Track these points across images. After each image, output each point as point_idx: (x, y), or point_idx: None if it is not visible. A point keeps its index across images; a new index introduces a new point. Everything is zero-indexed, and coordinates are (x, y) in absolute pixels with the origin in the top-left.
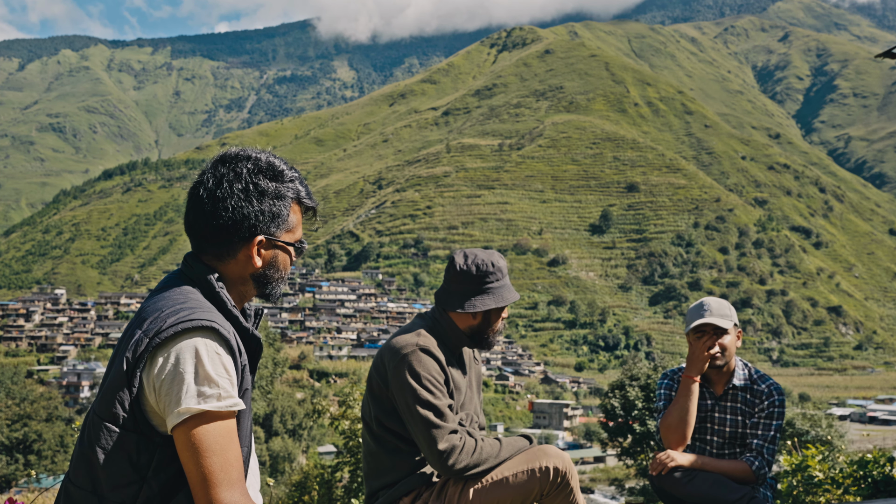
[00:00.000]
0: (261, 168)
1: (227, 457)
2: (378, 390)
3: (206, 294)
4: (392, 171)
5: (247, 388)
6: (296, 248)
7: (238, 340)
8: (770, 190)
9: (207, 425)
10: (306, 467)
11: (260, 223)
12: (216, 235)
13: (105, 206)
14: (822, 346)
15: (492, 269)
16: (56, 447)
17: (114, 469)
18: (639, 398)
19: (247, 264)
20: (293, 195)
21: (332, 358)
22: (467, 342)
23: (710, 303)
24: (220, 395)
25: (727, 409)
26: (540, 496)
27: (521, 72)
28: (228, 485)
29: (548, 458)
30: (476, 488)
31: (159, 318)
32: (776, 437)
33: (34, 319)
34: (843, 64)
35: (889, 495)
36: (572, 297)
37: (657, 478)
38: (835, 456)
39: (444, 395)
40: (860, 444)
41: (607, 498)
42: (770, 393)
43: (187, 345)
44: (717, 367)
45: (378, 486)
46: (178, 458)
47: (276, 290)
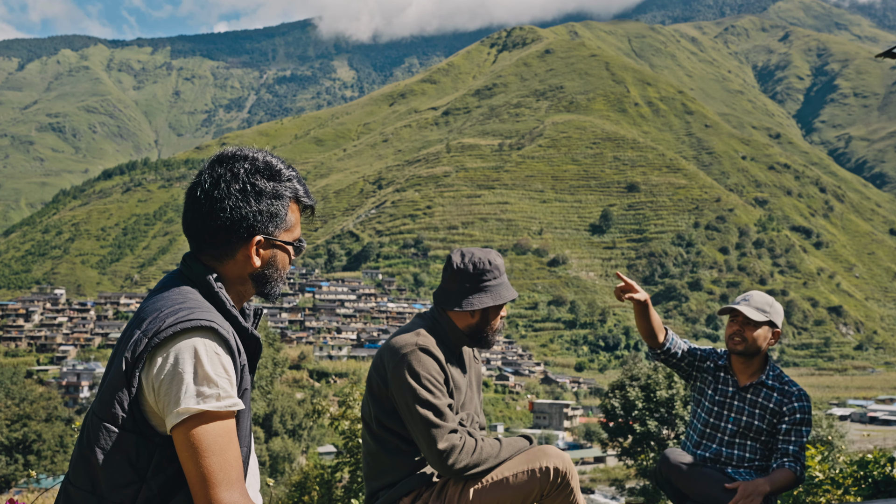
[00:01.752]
0: (258, 168)
1: (227, 457)
2: (378, 390)
3: (205, 294)
4: (392, 171)
5: (246, 388)
6: (294, 248)
7: (237, 340)
8: (770, 190)
9: (206, 425)
10: (306, 467)
11: (258, 223)
12: (214, 236)
13: (105, 206)
14: (823, 347)
15: (489, 268)
16: (56, 447)
17: (113, 469)
18: (639, 398)
19: (245, 264)
20: (291, 194)
21: (331, 358)
22: (467, 341)
23: (752, 294)
24: (219, 395)
25: (747, 400)
26: (540, 496)
27: (521, 71)
28: (228, 485)
29: (548, 458)
30: (476, 488)
31: (158, 318)
32: (805, 443)
33: (34, 319)
34: (843, 64)
35: (889, 496)
36: (572, 297)
37: (664, 471)
38: (835, 456)
39: (444, 395)
40: (860, 444)
41: (607, 498)
42: (801, 398)
43: (186, 345)
44: (737, 353)
45: (378, 486)
46: (177, 459)
47: (275, 289)
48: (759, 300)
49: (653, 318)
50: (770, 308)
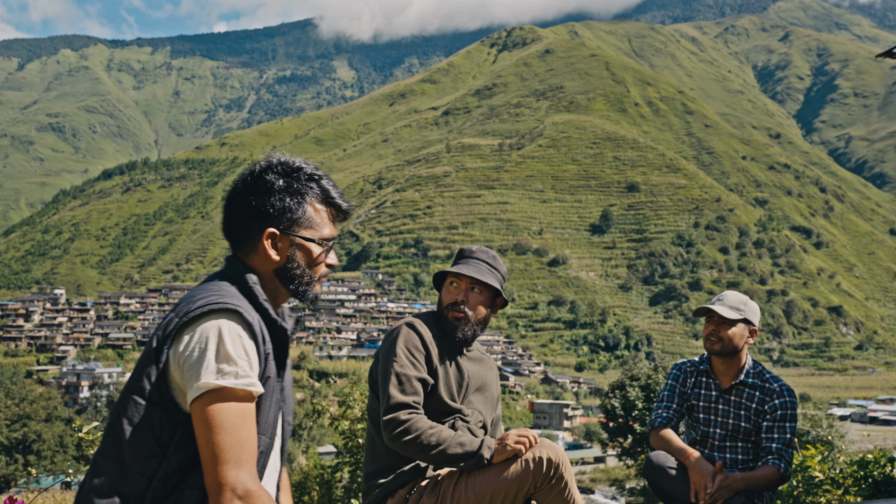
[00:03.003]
0: (272, 166)
1: (239, 436)
2: (374, 380)
3: (241, 289)
4: (392, 171)
5: (269, 376)
6: (318, 244)
7: (263, 329)
8: (770, 190)
9: (223, 403)
10: (306, 468)
11: (268, 215)
12: (234, 230)
13: (104, 205)
14: (823, 347)
15: (459, 251)
16: (55, 447)
17: (137, 440)
18: (639, 398)
19: (266, 257)
20: (314, 193)
21: (331, 358)
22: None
23: (726, 294)
24: (237, 374)
25: (731, 402)
26: (534, 488)
27: (521, 71)
28: (237, 463)
29: (541, 448)
30: (470, 479)
31: (191, 301)
32: (792, 440)
33: (34, 319)
34: (843, 64)
35: (890, 496)
36: (572, 297)
37: (649, 475)
38: (835, 456)
39: (418, 368)
40: (861, 444)
41: (607, 498)
42: (782, 393)
43: (212, 324)
44: (715, 353)
45: (373, 469)
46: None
47: (304, 288)
48: (732, 299)
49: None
50: (744, 306)
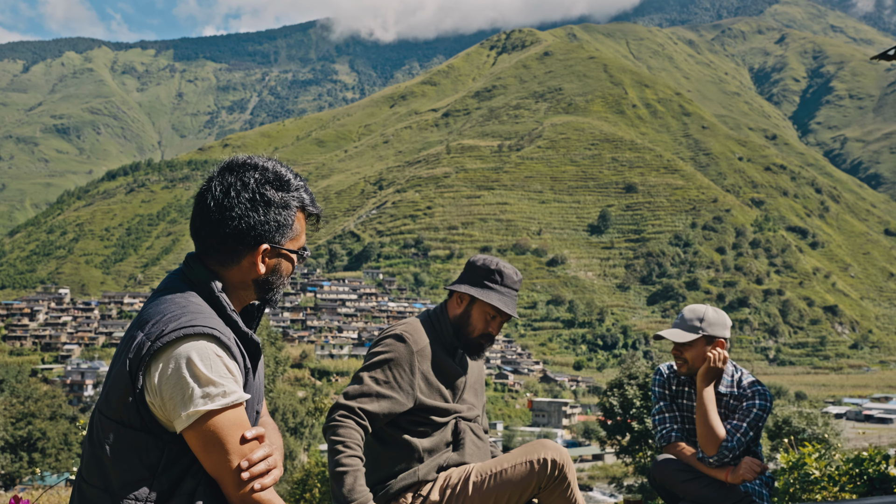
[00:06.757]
0: (268, 178)
1: (242, 446)
2: None
3: (206, 297)
4: (392, 172)
5: (248, 382)
6: (299, 256)
7: (239, 345)
8: (767, 190)
9: (217, 423)
10: (308, 465)
11: (266, 232)
12: (222, 243)
13: (108, 206)
14: (819, 346)
15: (495, 269)
16: (60, 445)
17: (124, 467)
18: (637, 396)
19: (250, 271)
20: (298, 204)
21: (333, 357)
22: (451, 332)
23: (683, 312)
24: (224, 393)
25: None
26: (538, 489)
27: (520, 73)
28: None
29: (546, 450)
30: (475, 482)
31: (161, 321)
32: (748, 434)
33: (38, 319)
34: (839, 66)
35: (884, 493)
36: (571, 296)
37: (658, 476)
38: (831, 454)
39: (392, 388)
40: (856, 442)
41: (606, 496)
42: (751, 396)
43: (188, 349)
44: (685, 375)
45: (376, 478)
46: (187, 455)
47: (277, 295)
48: (688, 316)
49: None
50: (701, 322)
